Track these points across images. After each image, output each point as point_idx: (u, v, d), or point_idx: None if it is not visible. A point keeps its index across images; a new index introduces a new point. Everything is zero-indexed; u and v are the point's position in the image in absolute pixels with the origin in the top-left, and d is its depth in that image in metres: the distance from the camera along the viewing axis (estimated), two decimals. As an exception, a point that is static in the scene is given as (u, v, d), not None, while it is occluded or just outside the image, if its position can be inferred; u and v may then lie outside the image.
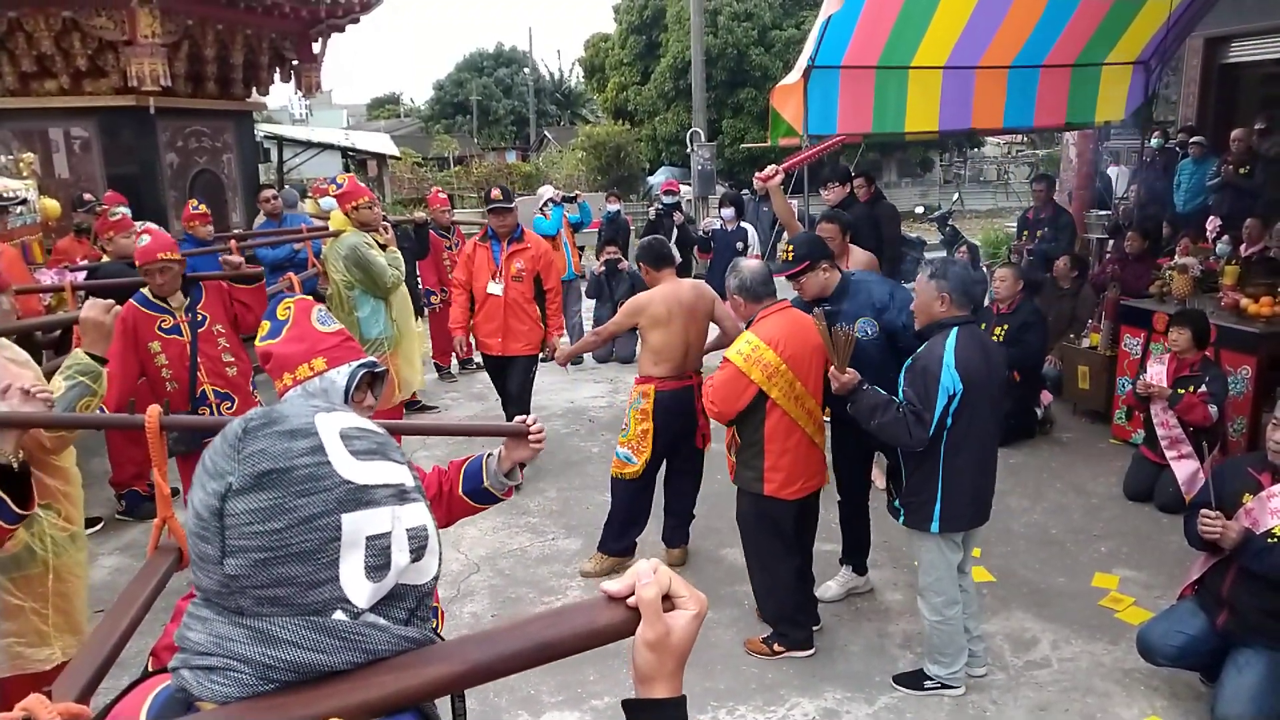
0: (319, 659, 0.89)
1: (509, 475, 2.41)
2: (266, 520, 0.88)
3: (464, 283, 6.20)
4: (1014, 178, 28.54)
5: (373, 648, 0.91)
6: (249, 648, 0.88)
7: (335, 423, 0.96)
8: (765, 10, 24.56)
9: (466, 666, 0.94)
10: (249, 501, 0.89)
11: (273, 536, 0.88)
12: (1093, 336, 7.05)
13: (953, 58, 6.89)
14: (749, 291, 4.03)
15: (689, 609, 1.00)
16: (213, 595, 0.91)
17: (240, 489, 0.89)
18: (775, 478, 4.00)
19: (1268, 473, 3.51)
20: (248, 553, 0.88)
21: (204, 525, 0.90)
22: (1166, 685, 3.87)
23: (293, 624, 0.89)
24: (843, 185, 6.79)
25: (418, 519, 0.98)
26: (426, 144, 36.22)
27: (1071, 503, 5.73)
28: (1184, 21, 7.37)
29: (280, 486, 0.89)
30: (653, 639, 0.97)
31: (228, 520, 0.89)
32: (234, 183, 9.62)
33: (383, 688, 0.90)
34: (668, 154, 25.83)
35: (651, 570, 0.99)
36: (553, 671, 4.03)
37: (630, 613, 0.98)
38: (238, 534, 0.88)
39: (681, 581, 1.01)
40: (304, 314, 2.20)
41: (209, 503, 0.90)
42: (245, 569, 0.88)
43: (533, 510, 5.82)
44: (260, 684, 0.88)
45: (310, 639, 0.89)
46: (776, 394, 3.87)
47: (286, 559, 0.89)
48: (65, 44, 7.94)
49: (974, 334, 3.64)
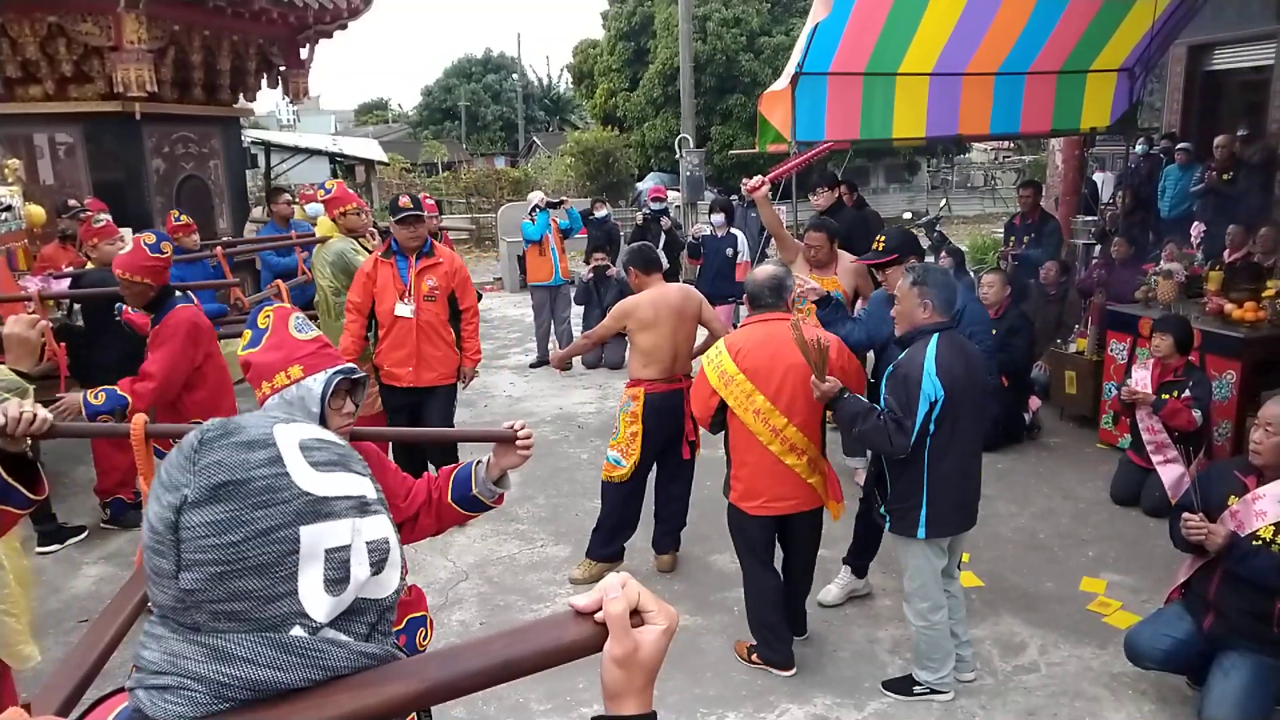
0: (276, 676, 0.86)
1: (498, 482, 2.41)
2: (223, 533, 0.86)
3: (360, 305, 5.34)
4: (1001, 184, 28.68)
5: (331, 664, 0.89)
6: (204, 665, 0.86)
7: (294, 434, 0.93)
8: (754, 17, 24.63)
9: (427, 685, 0.92)
10: (205, 514, 0.86)
11: (229, 550, 0.86)
12: (1080, 342, 7.08)
13: (939, 65, 6.93)
14: (751, 296, 4.01)
15: (658, 624, 0.98)
16: (168, 612, 0.89)
17: (196, 501, 0.86)
18: (737, 487, 4.03)
19: (1253, 476, 3.53)
20: (204, 566, 0.86)
21: (159, 539, 0.87)
22: (1154, 689, 3.88)
23: (248, 640, 0.87)
24: (831, 190, 6.81)
25: (379, 531, 0.95)
26: (415, 150, 36.21)
27: (1059, 507, 5.75)
28: (1167, 29, 7.42)
29: (237, 499, 0.87)
30: (620, 655, 0.95)
31: (183, 534, 0.86)
32: (221, 189, 9.59)
33: (339, 707, 0.88)
34: (656, 160, 25.87)
35: (620, 585, 0.97)
36: (541, 679, 4.01)
37: (598, 628, 0.96)
38: (193, 547, 0.86)
39: (651, 596, 0.99)
40: (282, 322, 2.19)
41: (164, 515, 0.87)
42: (201, 583, 0.86)
43: (522, 517, 5.81)
44: (215, 703, 0.86)
45: (267, 656, 0.86)
46: (731, 403, 3.83)
47: (243, 573, 0.86)
48: (51, 49, 7.90)
49: (955, 340, 3.65)
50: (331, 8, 9.45)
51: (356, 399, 2.27)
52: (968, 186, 30.94)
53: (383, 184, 25.13)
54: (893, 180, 29.01)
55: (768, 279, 3.96)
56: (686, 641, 4.33)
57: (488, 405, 8.27)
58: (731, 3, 24.67)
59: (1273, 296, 5.97)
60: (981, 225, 21.63)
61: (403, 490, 2.45)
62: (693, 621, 4.50)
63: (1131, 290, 6.89)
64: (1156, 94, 10.33)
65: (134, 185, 8.39)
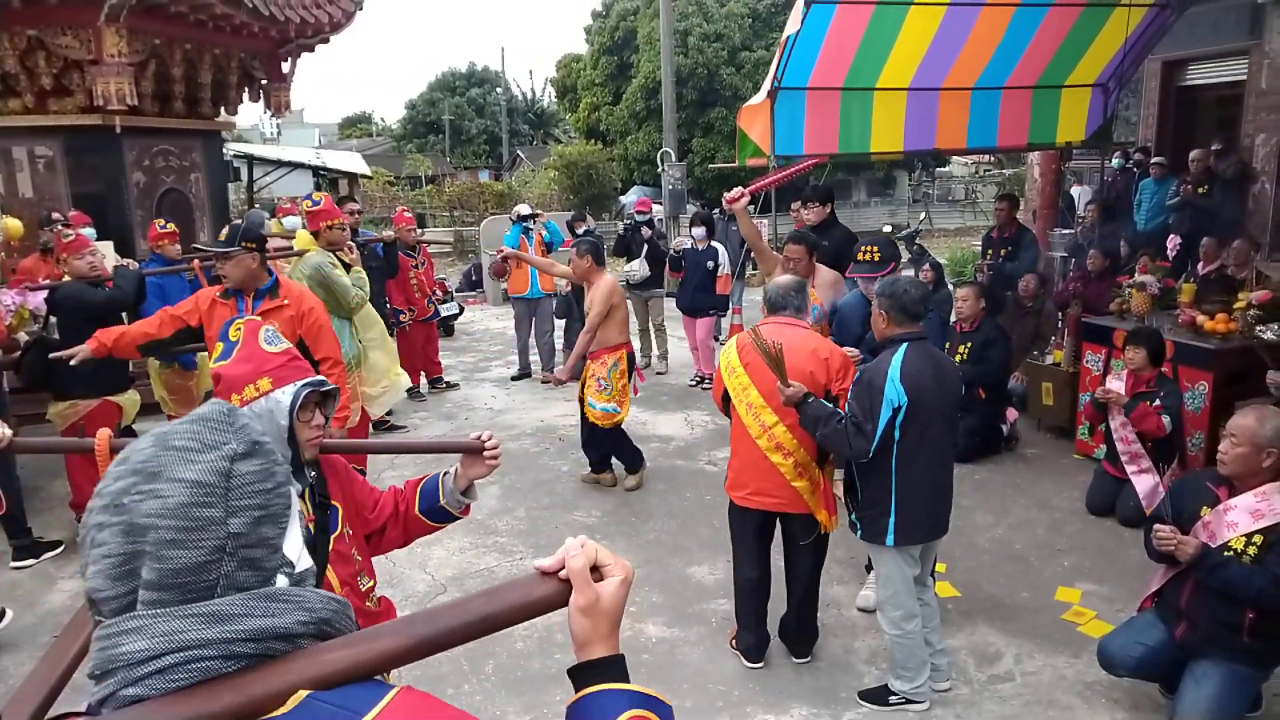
0: (273, 622, 0.96)
1: (466, 493, 2.41)
2: (263, 481, 1.01)
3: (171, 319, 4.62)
4: (982, 197, 28.89)
5: (310, 605, 1.00)
6: (206, 631, 0.93)
7: None
8: (735, 31, 24.78)
9: (414, 640, 1.02)
10: (250, 464, 1.00)
11: (264, 496, 1.00)
12: (1056, 354, 7.14)
13: (916, 79, 7.01)
14: (768, 301, 4.19)
15: (616, 575, 1.11)
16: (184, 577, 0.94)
17: (244, 453, 1.00)
18: (729, 475, 4.19)
19: (1225, 486, 3.57)
20: (249, 511, 0.98)
21: (210, 490, 0.96)
22: (1127, 697, 3.92)
23: (240, 599, 0.96)
24: (823, 206, 6.83)
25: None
26: (399, 163, 36.20)
27: (1036, 518, 5.79)
28: (1141, 45, 7.52)
29: (265, 455, 1.03)
30: (584, 605, 1.08)
31: (234, 481, 0.98)
32: (202, 202, 9.55)
33: (336, 662, 0.97)
34: (639, 174, 25.97)
35: (579, 544, 1.10)
36: (519, 691, 4.02)
37: (562, 585, 1.08)
38: (242, 493, 0.98)
39: (608, 552, 1.12)
40: (252, 335, 2.21)
41: (218, 467, 0.98)
42: (247, 526, 0.98)
43: (501, 530, 5.80)
44: (226, 664, 0.93)
45: (260, 607, 0.96)
46: (731, 394, 4.03)
47: (268, 520, 1.00)
48: (30, 63, 7.88)
49: (924, 350, 3.71)
50: (313, 22, 9.45)
51: (327, 411, 2.27)
52: (948, 200, 31.18)
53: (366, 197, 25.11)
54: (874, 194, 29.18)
55: (791, 285, 4.18)
56: (664, 653, 4.34)
57: (468, 418, 8.27)
58: (713, 18, 24.83)
59: (1244, 308, 6.04)
60: (962, 238, 21.80)
61: (370, 502, 2.46)
62: (670, 633, 4.51)
63: (1106, 302, 6.96)
64: (1132, 109, 10.45)
65: (114, 198, 8.36)
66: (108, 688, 0.92)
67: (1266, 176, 8.60)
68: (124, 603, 0.95)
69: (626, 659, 1.13)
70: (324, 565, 2.27)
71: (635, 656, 4.08)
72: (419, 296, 8.64)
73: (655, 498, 6.23)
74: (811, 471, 3.97)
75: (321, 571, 2.26)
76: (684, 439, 7.49)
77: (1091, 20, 7.02)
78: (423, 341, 8.88)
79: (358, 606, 2.34)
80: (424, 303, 8.72)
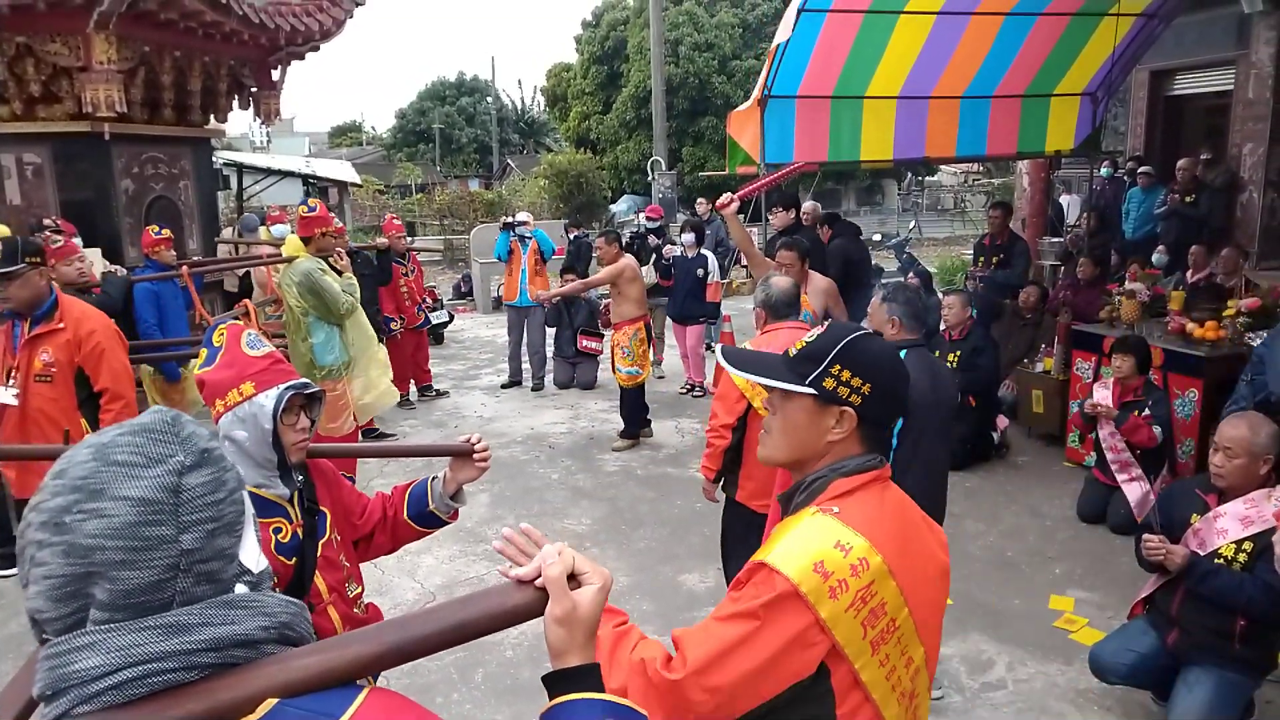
0: (234, 630, 0.93)
1: (454, 497, 2.40)
2: (213, 491, 0.96)
3: None
4: (971, 206, 29.02)
5: (270, 610, 0.98)
6: (164, 643, 0.90)
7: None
8: (726, 41, 24.87)
9: (385, 647, 0.99)
10: (200, 475, 0.95)
11: (216, 508, 0.96)
12: (1046, 361, 7.16)
13: (906, 88, 7.03)
14: (770, 308, 4.06)
15: (594, 583, 1.09)
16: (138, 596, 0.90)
17: (192, 465, 0.95)
18: (748, 486, 4.00)
19: (1214, 494, 3.57)
20: (201, 525, 0.94)
21: (158, 508, 0.92)
22: (1120, 705, 3.91)
23: (198, 609, 0.93)
24: (787, 211, 6.86)
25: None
26: (389, 172, 36.19)
27: (1027, 525, 5.79)
28: (1129, 55, 7.57)
29: (215, 463, 0.98)
30: (560, 614, 1.05)
31: (184, 496, 0.93)
32: (191, 209, 9.52)
33: (307, 669, 0.95)
34: (630, 182, 26.00)
35: (556, 552, 1.08)
36: (509, 700, 4.00)
37: (539, 593, 1.06)
38: (192, 507, 0.94)
39: (585, 559, 1.10)
40: (235, 339, 2.18)
41: (165, 483, 0.93)
42: (201, 541, 0.94)
43: (490, 538, 5.77)
44: (186, 675, 0.90)
45: (219, 615, 0.94)
46: (756, 404, 3.85)
47: (221, 531, 0.96)
48: (19, 69, 7.84)
49: (923, 357, 3.70)
50: (303, 30, 9.45)
51: (313, 414, 2.25)
52: (938, 209, 31.29)
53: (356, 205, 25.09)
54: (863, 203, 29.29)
55: (788, 290, 4.09)
56: (655, 661, 4.32)
57: (458, 426, 8.24)
58: (704, 27, 24.91)
59: (1234, 316, 6.07)
60: (951, 247, 21.86)
61: (358, 508, 2.44)
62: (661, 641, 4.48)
63: (1096, 310, 6.99)
64: (1120, 118, 10.51)
65: (103, 205, 8.32)
66: (59, 707, 0.88)
67: (1254, 185, 8.65)
68: (71, 621, 0.91)
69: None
70: (312, 571, 2.25)
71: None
72: (409, 304, 8.63)
73: (646, 505, 6.21)
74: None
75: (309, 578, 2.24)
76: (675, 446, 7.48)
77: (1080, 30, 7.06)
78: (413, 349, 8.86)
79: (345, 613, 2.32)
80: (414, 310, 8.70)
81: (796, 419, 1.70)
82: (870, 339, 1.73)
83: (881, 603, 1.56)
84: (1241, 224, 8.71)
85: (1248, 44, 8.49)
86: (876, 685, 1.58)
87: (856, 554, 1.55)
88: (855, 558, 1.55)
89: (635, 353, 7.41)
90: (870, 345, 1.71)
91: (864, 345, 1.69)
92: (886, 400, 1.69)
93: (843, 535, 1.57)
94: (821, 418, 1.68)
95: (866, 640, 1.55)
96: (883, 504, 1.68)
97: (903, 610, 1.60)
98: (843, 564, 1.53)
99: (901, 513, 1.72)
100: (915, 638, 1.64)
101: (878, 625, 1.56)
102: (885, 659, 1.59)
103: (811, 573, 1.52)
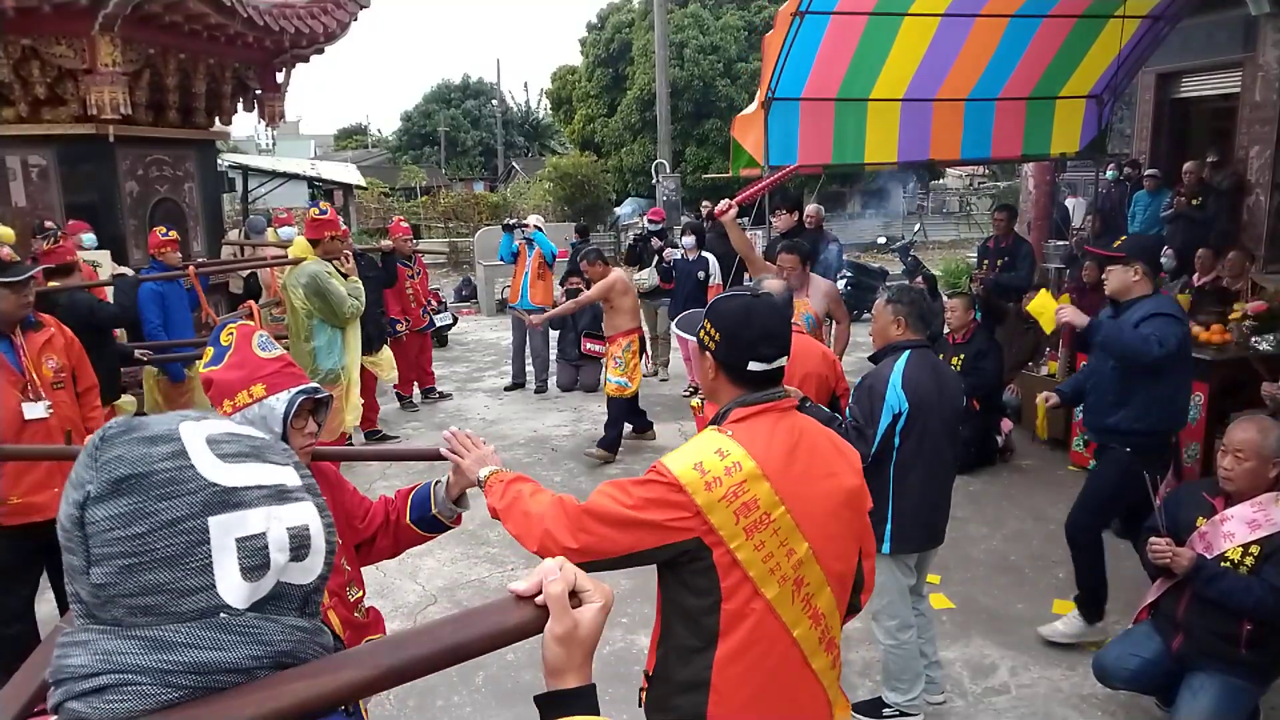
0: (219, 656, 0.88)
1: (458, 501, 2.38)
2: (127, 525, 0.87)
3: None
4: (976, 209, 28.96)
5: (268, 639, 0.91)
6: (143, 657, 0.87)
7: (202, 429, 0.95)
8: (731, 44, 24.86)
9: (379, 671, 0.95)
10: (108, 508, 0.87)
11: (134, 542, 0.87)
12: (1050, 365, 7.13)
13: (910, 90, 7.02)
14: None
15: (595, 602, 1.04)
16: (92, 609, 0.90)
17: (99, 496, 0.88)
18: None
19: (1221, 497, 3.55)
20: (112, 560, 0.87)
21: (68, 535, 0.89)
22: (1123, 710, 3.89)
23: (185, 628, 0.88)
24: (790, 214, 6.86)
25: (300, 518, 0.96)
26: (394, 174, 36.19)
27: (1031, 529, 5.77)
28: (1134, 57, 7.54)
29: (139, 491, 0.88)
30: (561, 633, 1.01)
31: (89, 529, 0.87)
32: (195, 211, 9.54)
33: (295, 695, 0.90)
34: (634, 185, 25.99)
35: (557, 568, 1.03)
36: (510, 703, 3.98)
37: (539, 610, 1.01)
38: (99, 541, 0.87)
39: (586, 576, 1.05)
40: (245, 340, 2.16)
41: (70, 513, 0.89)
42: (111, 577, 0.87)
43: (492, 540, 5.76)
44: (164, 691, 0.87)
45: (207, 638, 0.88)
46: None
47: (153, 565, 0.87)
48: (24, 72, 7.86)
49: (926, 358, 3.69)
50: (308, 32, 9.46)
51: (319, 419, 2.25)
52: (943, 212, 31.23)
53: (361, 208, 25.10)
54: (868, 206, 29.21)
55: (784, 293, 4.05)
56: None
57: (461, 428, 8.21)
58: (709, 30, 24.91)
59: (1240, 319, 6.04)
60: (956, 250, 21.81)
61: (360, 512, 2.43)
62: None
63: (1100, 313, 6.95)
64: (1126, 121, 10.48)
65: (107, 208, 8.33)
66: (58, 696, 0.89)
67: (1260, 189, 8.61)
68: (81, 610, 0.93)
69: (620, 671, 1.10)
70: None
71: (627, 668, 4.03)
72: (414, 306, 8.63)
73: (649, 509, 6.19)
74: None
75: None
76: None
77: (1086, 32, 7.04)
78: (417, 351, 8.86)
79: (345, 617, 2.31)
80: (419, 312, 8.70)
81: (697, 362, 2.23)
82: (728, 299, 2.15)
83: (754, 498, 1.97)
84: (1248, 227, 8.68)
85: (1254, 46, 8.46)
86: (753, 565, 1.99)
87: (732, 459, 1.99)
88: (730, 461, 1.99)
89: (627, 364, 7.31)
90: (722, 304, 2.15)
91: (720, 304, 2.16)
92: (732, 346, 2.09)
93: (724, 445, 2.02)
94: (704, 361, 2.16)
95: (740, 526, 1.97)
96: (774, 427, 2.08)
97: (778, 508, 2.00)
98: (719, 465, 1.98)
99: (797, 436, 2.10)
100: (796, 533, 2.02)
101: (750, 516, 1.97)
102: (761, 544, 1.99)
103: (691, 469, 1.98)
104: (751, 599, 2.01)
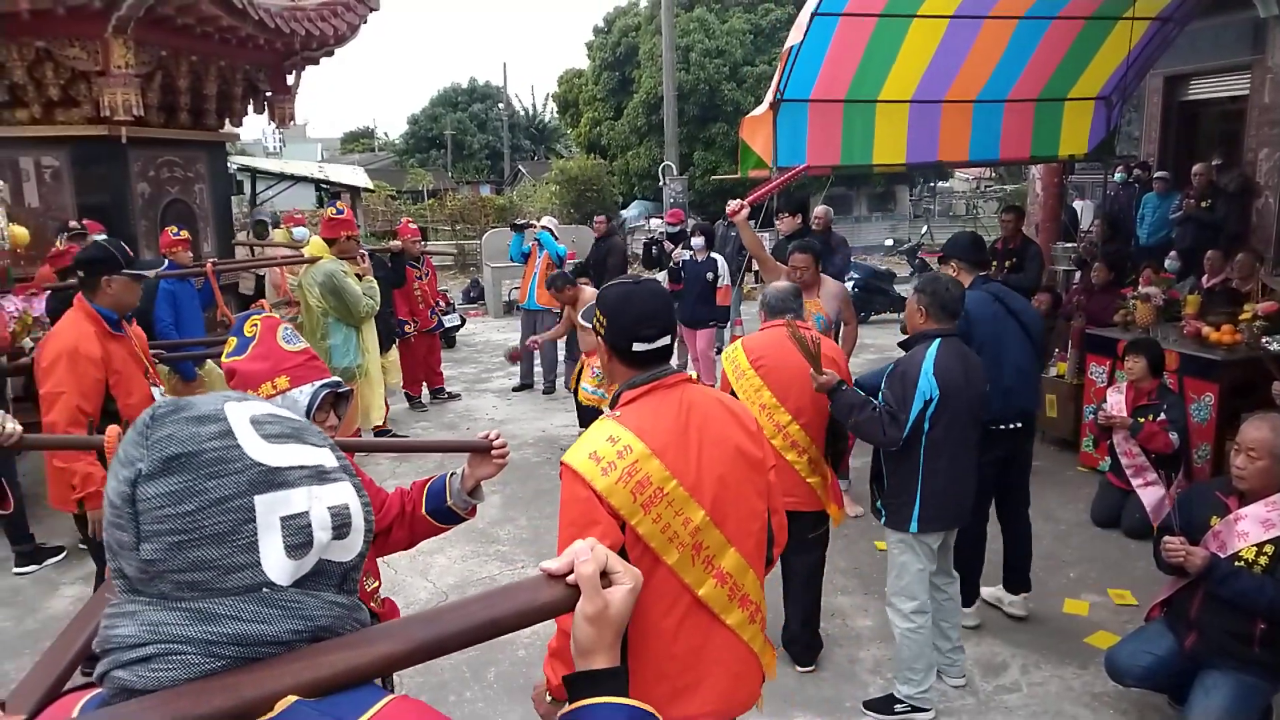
0: (261, 629, 0.91)
1: (472, 494, 2.40)
2: (178, 503, 0.89)
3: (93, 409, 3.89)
4: (983, 212, 28.93)
5: (309, 614, 0.94)
6: (189, 628, 0.89)
7: (246, 409, 0.97)
8: (737, 48, 24.86)
9: (413, 644, 0.97)
10: (159, 486, 0.90)
11: (185, 519, 0.89)
12: (1060, 366, 7.14)
13: (919, 92, 7.02)
14: (766, 307, 4.22)
15: (625, 583, 1.06)
16: (138, 584, 0.92)
17: (150, 474, 0.90)
18: None
19: (1234, 496, 3.55)
20: (162, 536, 0.89)
21: (118, 513, 0.91)
22: (1135, 709, 3.89)
23: (229, 601, 0.91)
24: (794, 216, 6.88)
25: (339, 498, 0.99)
26: (401, 177, 36.27)
27: (1041, 529, 5.75)
28: (1143, 59, 7.54)
29: (189, 470, 0.90)
30: (592, 613, 1.03)
31: (140, 505, 0.90)
32: (206, 212, 9.56)
33: (333, 666, 0.93)
34: (640, 188, 26.01)
35: (589, 548, 1.05)
36: (521, 698, 3.99)
37: (570, 589, 1.03)
38: (150, 518, 0.89)
39: (617, 558, 1.07)
40: (270, 332, 2.18)
41: (121, 490, 0.91)
42: (161, 553, 0.90)
43: (502, 538, 5.78)
44: (206, 661, 0.89)
45: (250, 610, 0.91)
46: (740, 395, 3.97)
47: (201, 541, 0.90)
48: (38, 74, 7.90)
49: (956, 346, 3.76)
50: (318, 35, 9.49)
51: (340, 413, 2.27)
52: (950, 215, 31.19)
53: (368, 211, 25.17)
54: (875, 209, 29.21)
55: (789, 290, 4.23)
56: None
57: (470, 428, 8.26)
58: (715, 34, 24.90)
59: (1250, 320, 6.04)
60: (964, 253, 21.73)
61: (376, 503, 2.45)
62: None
63: (1110, 314, 6.96)
64: (1135, 123, 10.47)
65: (119, 209, 8.36)
66: (104, 665, 0.92)
67: (1270, 191, 8.60)
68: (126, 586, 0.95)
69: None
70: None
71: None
72: (423, 307, 8.66)
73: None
74: (822, 468, 4.05)
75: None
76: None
77: (1094, 33, 7.04)
78: (425, 352, 8.89)
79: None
80: (427, 313, 8.73)
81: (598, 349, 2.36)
82: (612, 286, 2.33)
83: (646, 476, 2.15)
84: (1257, 229, 8.67)
85: (1263, 49, 8.45)
86: (653, 537, 2.17)
87: (623, 443, 2.17)
88: (621, 446, 2.17)
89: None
90: (607, 291, 2.33)
91: (605, 291, 2.34)
92: (617, 330, 2.24)
93: (614, 431, 2.20)
94: (600, 346, 2.33)
95: (637, 504, 2.15)
96: (660, 405, 2.24)
97: (670, 482, 2.17)
98: (610, 451, 2.17)
99: (686, 408, 2.25)
100: (690, 502, 2.19)
101: (645, 492, 2.15)
102: (658, 517, 2.17)
103: (587, 459, 2.17)
104: (654, 567, 2.18)
